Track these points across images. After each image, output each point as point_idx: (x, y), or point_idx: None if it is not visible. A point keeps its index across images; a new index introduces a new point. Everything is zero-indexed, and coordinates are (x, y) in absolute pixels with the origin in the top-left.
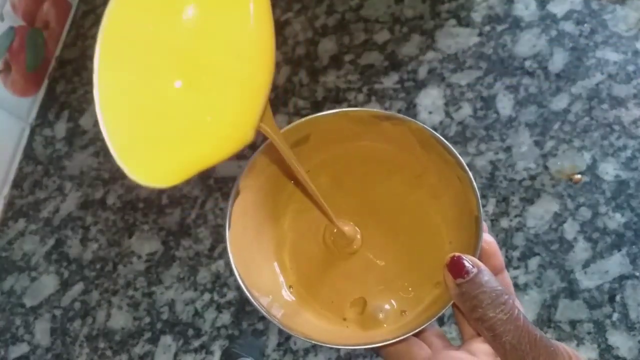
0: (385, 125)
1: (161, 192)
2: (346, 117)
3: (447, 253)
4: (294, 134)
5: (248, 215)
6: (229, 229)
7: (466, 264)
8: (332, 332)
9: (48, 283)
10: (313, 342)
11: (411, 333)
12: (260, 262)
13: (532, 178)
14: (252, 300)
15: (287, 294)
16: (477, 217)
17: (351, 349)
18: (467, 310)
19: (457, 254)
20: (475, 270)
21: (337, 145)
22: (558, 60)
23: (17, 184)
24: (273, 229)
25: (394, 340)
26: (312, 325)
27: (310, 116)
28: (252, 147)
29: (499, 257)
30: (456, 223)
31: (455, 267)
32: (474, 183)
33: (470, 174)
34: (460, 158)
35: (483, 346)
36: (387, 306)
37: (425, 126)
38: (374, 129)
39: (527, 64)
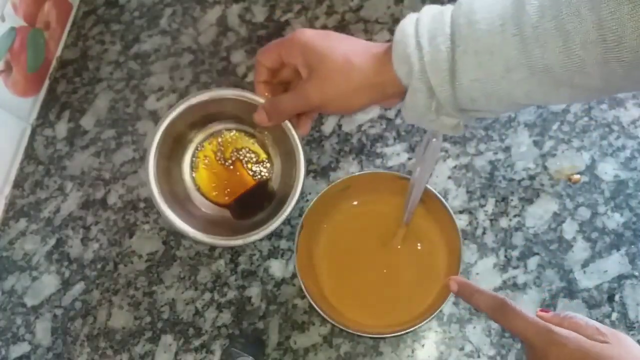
0: (400, 182)
1: None
2: (374, 175)
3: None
4: (341, 184)
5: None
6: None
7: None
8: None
9: (49, 282)
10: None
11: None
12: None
13: (531, 178)
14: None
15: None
16: (459, 256)
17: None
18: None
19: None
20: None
21: (367, 194)
22: None
23: (18, 184)
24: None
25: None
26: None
27: (352, 174)
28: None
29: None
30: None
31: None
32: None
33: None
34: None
35: None
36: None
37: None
38: (392, 184)
39: None
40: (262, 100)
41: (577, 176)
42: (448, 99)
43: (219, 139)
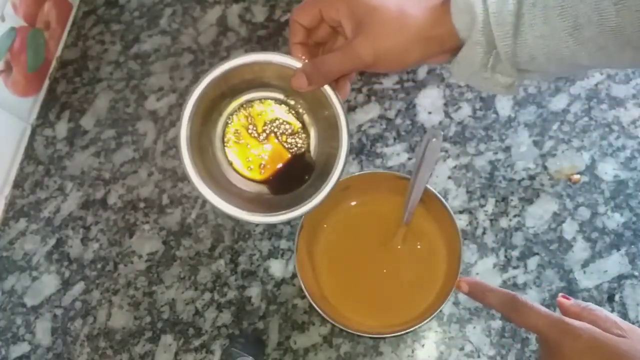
0: (400, 182)
1: (162, 192)
2: (374, 175)
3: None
4: (341, 184)
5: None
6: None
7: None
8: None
9: (49, 283)
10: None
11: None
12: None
13: (531, 178)
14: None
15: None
16: (459, 256)
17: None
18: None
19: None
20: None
21: (367, 194)
22: None
23: (18, 184)
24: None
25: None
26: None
27: (351, 174)
28: None
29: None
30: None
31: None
32: (459, 230)
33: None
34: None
35: None
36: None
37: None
38: (392, 184)
39: None
40: (298, 64)
41: (577, 176)
42: (508, 55)
43: (249, 111)
